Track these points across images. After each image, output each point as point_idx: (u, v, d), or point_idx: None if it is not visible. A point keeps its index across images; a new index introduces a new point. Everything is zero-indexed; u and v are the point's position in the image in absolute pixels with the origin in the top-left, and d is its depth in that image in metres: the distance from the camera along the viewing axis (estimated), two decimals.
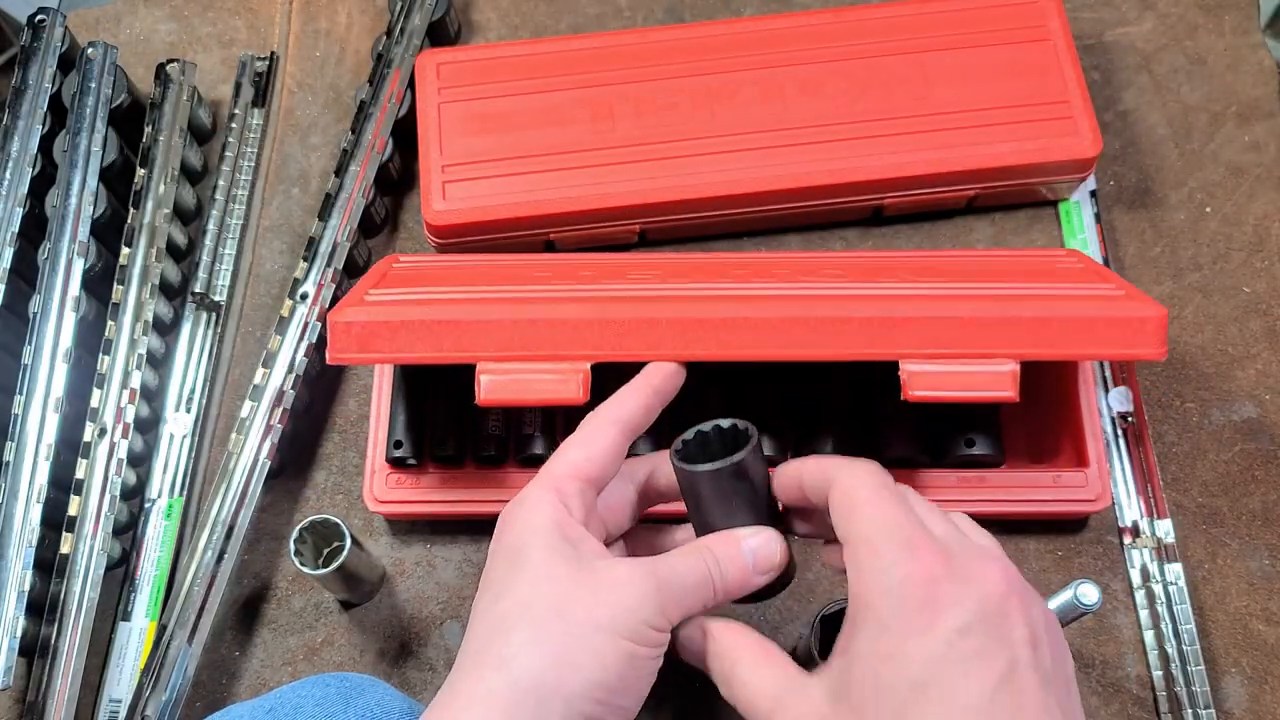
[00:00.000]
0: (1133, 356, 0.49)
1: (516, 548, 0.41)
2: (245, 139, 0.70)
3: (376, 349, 0.51)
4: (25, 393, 0.58)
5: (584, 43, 0.66)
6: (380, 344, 0.50)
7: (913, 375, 0.49)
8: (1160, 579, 0.57)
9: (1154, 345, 0.49)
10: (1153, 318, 0.49)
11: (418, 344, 0.50)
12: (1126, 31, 0.71)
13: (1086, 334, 0.49)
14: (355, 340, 0.50)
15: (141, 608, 0.59)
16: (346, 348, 0.50)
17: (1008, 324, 0.49)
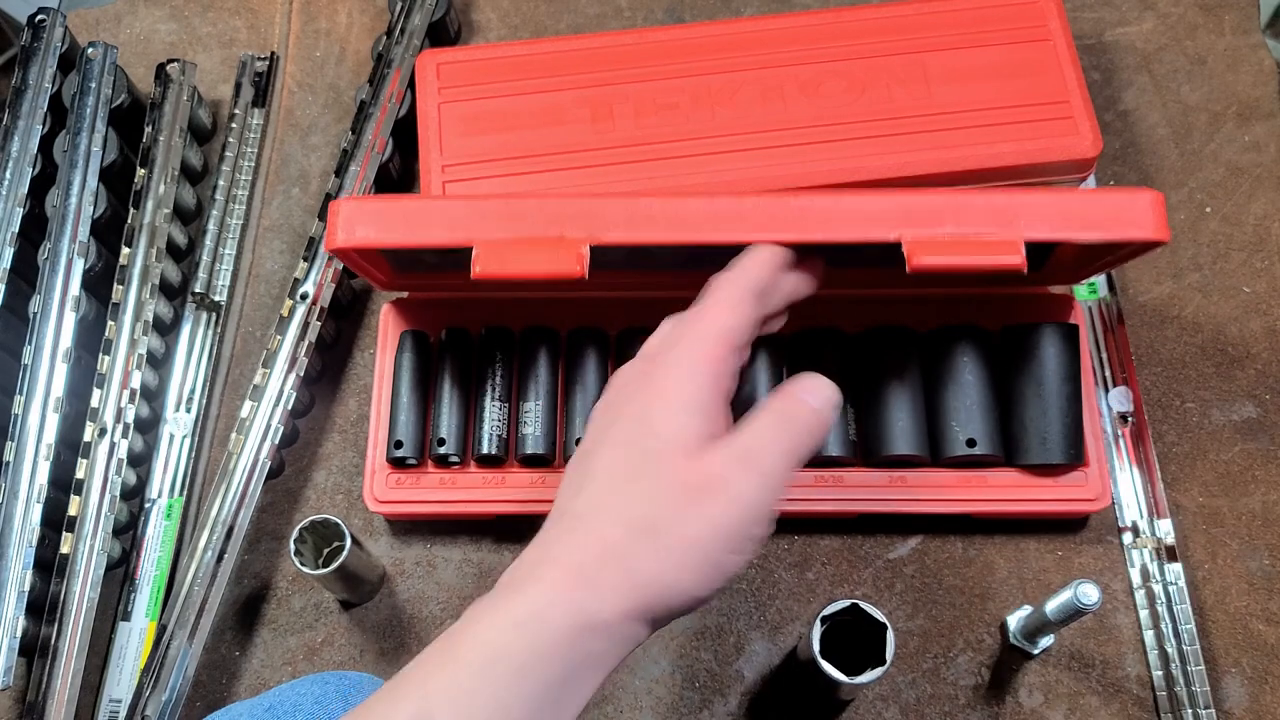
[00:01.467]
0: (1134, 238, 0.48)
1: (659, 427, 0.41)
2: (245, 139, 0.70)
3: (374, 231, 0.49)
4: (25, 393, 0.58)
5: (584, 43, 0.66)
6: (379, 228, 0.49)
7: (916, 244, 0.47)
8: (1160, 579, 0.57)
9: (1154, 226, 0.47)
10: (1149, 197, 0.48)
11: (415, 227, 0.49)
12: (1126, 31, 0.71)
13: (1087, 215, 0.48)
14: (356, 222, 0.49)
15: (141, 608, 0.59)
16: (348, 230, 0.49)
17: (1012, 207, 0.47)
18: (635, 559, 0.39)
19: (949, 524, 0.59)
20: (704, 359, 0.43)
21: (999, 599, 0.58)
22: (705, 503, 0.40)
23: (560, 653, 0.38)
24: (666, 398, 0.42)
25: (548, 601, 0.38)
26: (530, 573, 0.39)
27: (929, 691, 0.56)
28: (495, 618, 0.38)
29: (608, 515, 0.40)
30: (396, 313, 0.62)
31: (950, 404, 0.57)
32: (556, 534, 0.41)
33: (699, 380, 0.42)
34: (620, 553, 0.39)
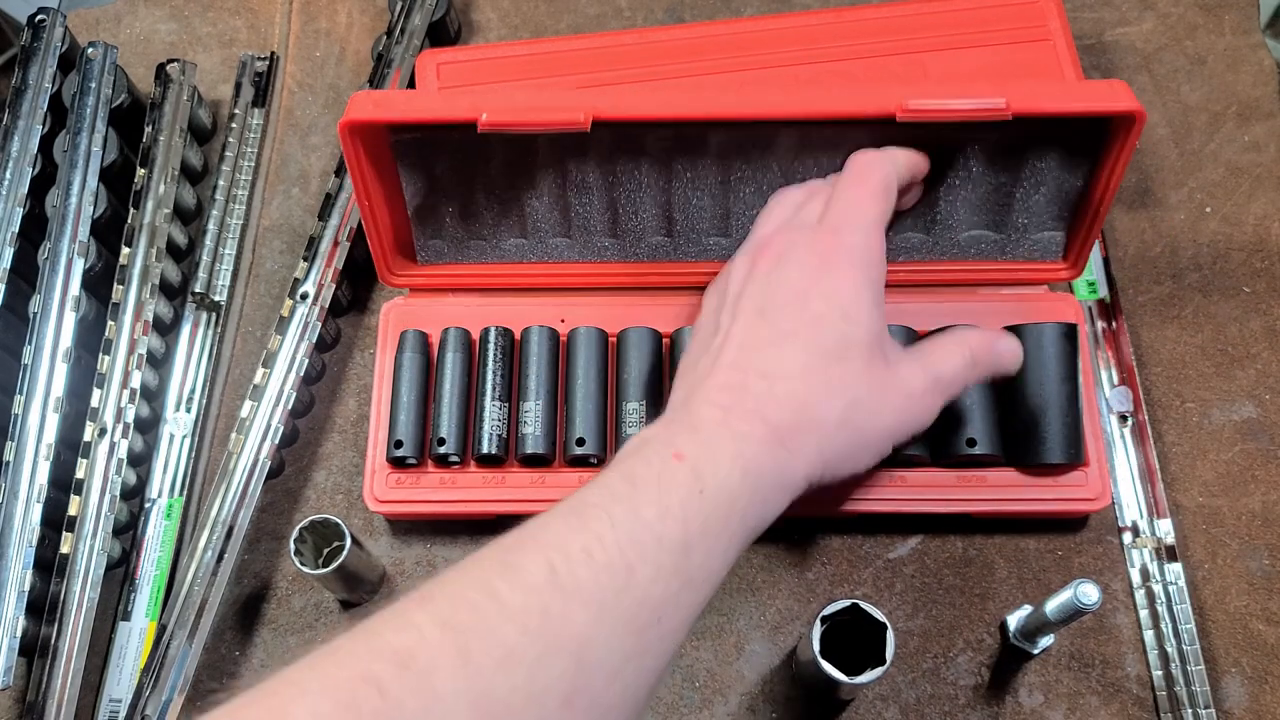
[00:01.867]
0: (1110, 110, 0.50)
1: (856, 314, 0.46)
2: (245, 139, 0.70)
3: (386, 110, 0.52)
4: (25, 393, 0.58)
5: (584, 43, 0.66)
6: (393, 108, 0.52)
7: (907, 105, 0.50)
8: (1160, 579, 0.57)
9: (1126, 101, 0.50)
10: (1117, 82, 0.51)
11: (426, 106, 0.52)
12: (1126, 31, 0.71)
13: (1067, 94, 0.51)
14: (373, 103, 0.52)
15: (141, 608, 0.59)
16: (363, 111, 0.51)
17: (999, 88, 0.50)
18: (832, 437, 0.44)
19: (949, 524, 0.59)
20: (876, 248, 0.48)
21: (999, 599, 0.58)
22: (897, 406, 0.46)
23: (765, 504, 0.43)
24: (857, 285, 0.46)
25: (754, 454, 0.42)
26: (728, 416, 0.43)
27: (929, 691, 0.56)
28: (717, 451, 0.42)
29: (809, 386, 0.44)
30: (396, 313, 0.62)
31: (950, 404, 0.56)
32: (745, 379, 0.44)
33: (876, 271, 0.47)
34: (820, 426, 0.44)
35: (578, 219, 0.59)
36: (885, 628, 0.48)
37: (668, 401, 0.48)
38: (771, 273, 0.47)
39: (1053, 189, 0.56)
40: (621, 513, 0.39)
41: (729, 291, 0.49)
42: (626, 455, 0.43)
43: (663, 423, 0.45)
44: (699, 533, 0.40)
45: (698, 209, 0.58)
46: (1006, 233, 0.59)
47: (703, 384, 0.45)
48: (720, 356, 0.46)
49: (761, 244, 0.49)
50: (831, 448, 0.45)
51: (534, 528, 0.39)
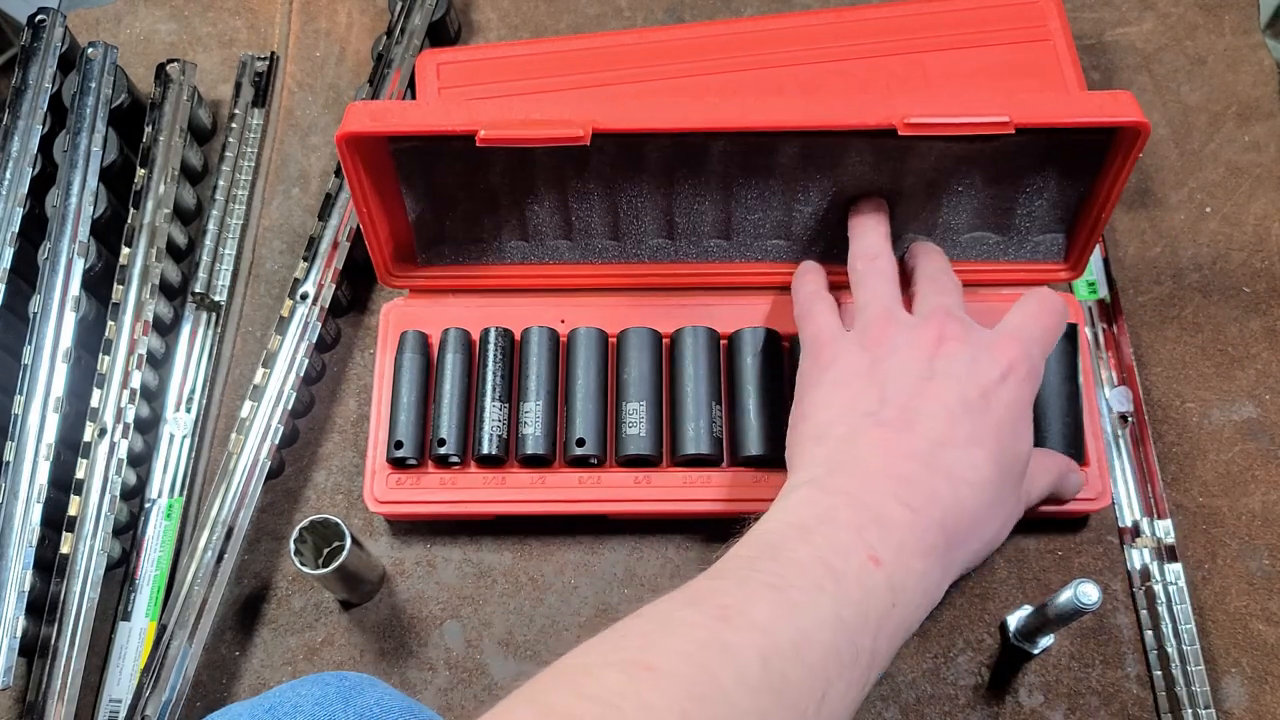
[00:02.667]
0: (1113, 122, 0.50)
1: (1021, 448, 0.45)
2: (245, 139, 0.70)
3: (382, 122, 0.51)
4: (25, 393, 0.58)
5: (584, 43, 0.66)
6: (390, 119, 0.51)
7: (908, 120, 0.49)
8: (1160, 579, 0.57)
9: (1131, 112, 0.50)
10: (1123, 93, 0.51)
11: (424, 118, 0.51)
12: (1126, 31, 0.71)
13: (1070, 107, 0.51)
14: (370, 115, 0.51)
15: (141, 608, 0.59)
16: (360, 123, 0.51)
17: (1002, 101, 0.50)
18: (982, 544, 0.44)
19: None
20: (1041, 371, 0.49)
21: (999, 599, 0.58)
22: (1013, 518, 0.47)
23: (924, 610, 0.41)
24: (1027, 402, 0.46)
25: (934, 571, 0.41)
26: (915, 519, 0.41)
27: (929, 691, 0.56)
28: (908, 563, 0.40)
29: (986, 501, 0.43)
30: (396, 313, 0.62)
31: None
32: (933, 480, 0.42)
33: (1038, 386, 0.48)
34: (980, 540, 0.44)
35: (579, 223, 0.59)
36: None
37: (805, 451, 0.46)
38: (952, 363, 0.45)
39: (1055, 194, 0.56)
40: (826, 612, 0.37)
41: (896, 361, 0.46)
42: (816, 526, 0.40)
43: (841, 494, 0.42)
44: (884, 648, 0.39)
45: (699, 213, 0.58)
46: (1008, 235, 0.59)
47: (876, 461, 0.43)
48: (900, 438, 0.43)
49: (936, 322, 0.47)
50: (980, 552, 0.44)
51: (739, 597, 0.37)
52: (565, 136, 0.49)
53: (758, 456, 0.57)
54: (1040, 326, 0.48)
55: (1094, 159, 0.54)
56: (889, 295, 0.49)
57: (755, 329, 0.59)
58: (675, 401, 0.58)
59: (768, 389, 0.58)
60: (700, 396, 0.58)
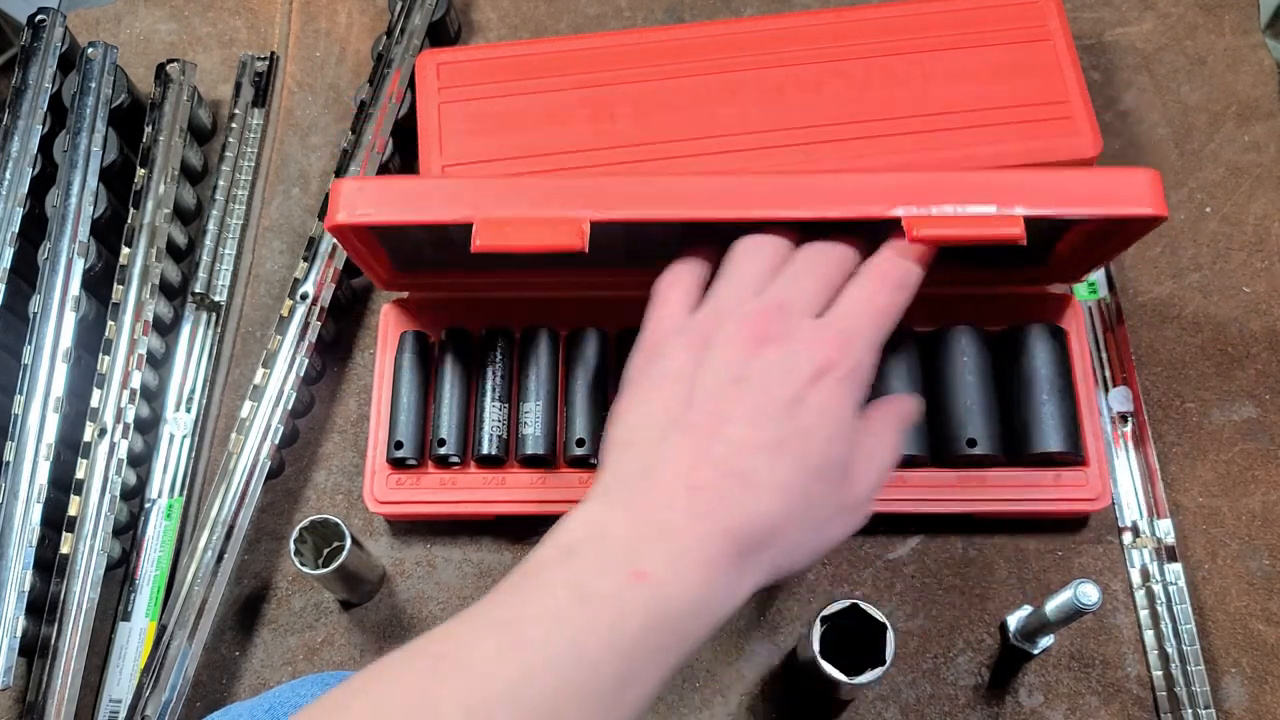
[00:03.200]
0: (1133, 214, 0.48)
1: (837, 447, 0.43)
2: (245, 139, 0.70)
3: (375, 209, 0.49)
4: (25, 393, 0.58)
5: (584, 43, 0.66)
6: (379, 205, 0.49)
7: (915, 218, 0.47)
8: (1160, 579, 0.57)
9: (1152, 201, 0.47)
10: (1146, 175, 0.48)
11: (415, 205, 0.49)
12: (1126, 31, 0.71)
13: (1086, 192, 0.48)
14: (357, 200, 0.49)
15: (141, 608, 0.59)
16: (349, 208, 0.49)
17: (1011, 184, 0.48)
18: (789, 554, 0.42)
19: (949, 524, 0.59)
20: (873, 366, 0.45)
21: (999, 599, 0.58)
22: (847, 518, 0.44)
23: (715, 625, 0.39)
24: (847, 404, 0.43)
25: (719, 578, 0.39)
26: (697, 527, 0.39)
27: (929, 691, 0.56)
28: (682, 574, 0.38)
29: (786, 504, 0.41)
30: (396, 313, 0.62)
31: (950, 404, 0.57)
32: (725, 484, 0.40)
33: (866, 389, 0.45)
34: (783, 545, 0.41)
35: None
36: (885, 628, 0.48)
37: (609, 457, 0.43)
38: (767, 359, 0.43)
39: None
40: (561, 642, 0.35)
41: (710, 360, 0.43)
42: (582, 544, 0.39)
43: (624, 507, 0.40)
44: (642, 666, 0.37)
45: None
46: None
47: (674, 469, 0.40)
48: (698, 444, 0.41)
49: (759, 319, 0.44)
50: (784, 563, 0.42)
51: (461, 639, 0.36)
52: (563, 247, 0.47)
53: None
54: (870, 313, 0.45)
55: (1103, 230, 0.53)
56: (744, 282, 0.46)
57: None
58: None
59: None
60: None
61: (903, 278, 0.45)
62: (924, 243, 0.46)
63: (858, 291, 0.45)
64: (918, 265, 0.46)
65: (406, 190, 0.49)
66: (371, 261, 0.56)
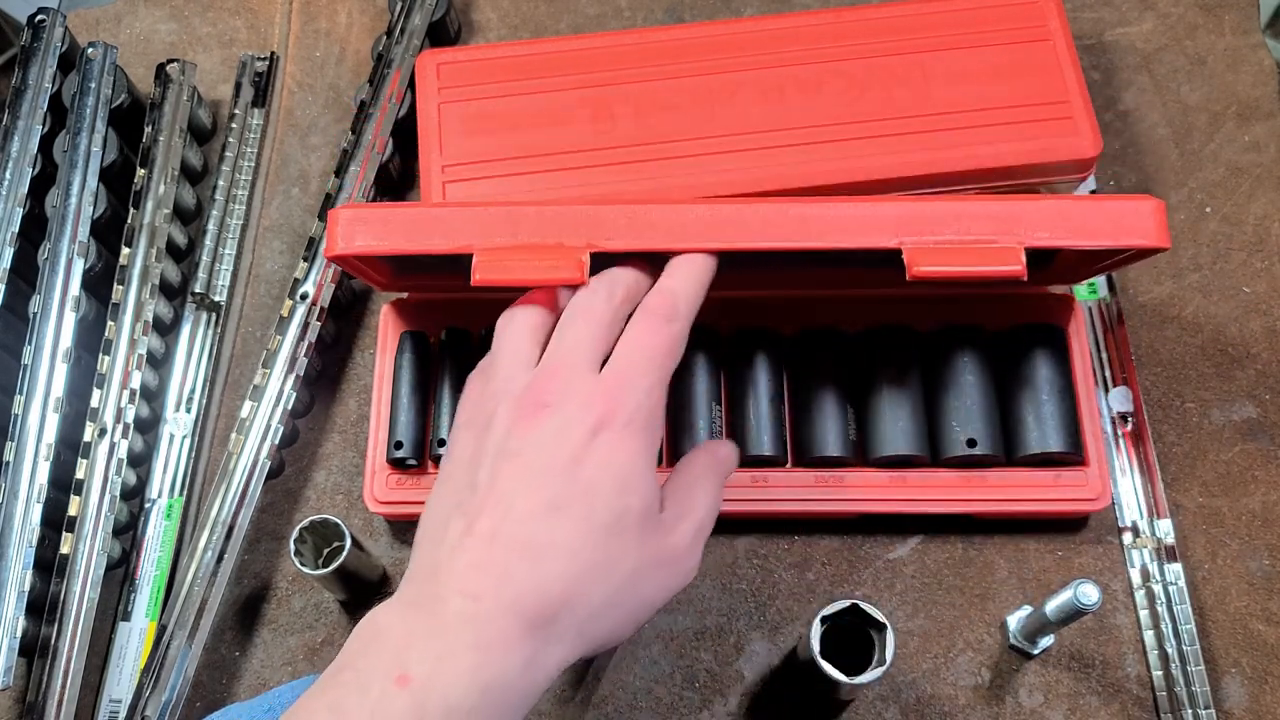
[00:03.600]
0: (1136, 245, 0.48)
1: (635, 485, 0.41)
2: (245, 139, 0.70)
3: (373, 240, 0.49)
4: (25, 393, 0.58)
5: (584, 43, 0.66)
6: (378, 236, 0.49)
7: (915, 252, 0.47)
8: (1160, 579, 0.57)
9: (1155, 234, 0.47)
10: (1150, 205, 0.48)
11: (414, 235, 0.49)
12: (1126, 31, 0.71)
13: (1088, 222, 0.48)
14: (355, 230, 0.49)
15: (141, 608, 0.59)
16: (347, 239, 0.49)
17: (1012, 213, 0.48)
18: (597, 619, 0.40)
19: (949, 524, 0.59)
20: (658, 408, 0.43)
21: (999, 599, 0.58)
22: (665, 574, 0.42)
23: (513, 711, 0.37)
24: (635, 451, 0.41)
25: (503, 662, 0.37)
26: (478, 609, 0.37)
27: (929, 691, 0.56)
28: (450, 667, 0.36)
29: (578, 567, 0.39)
30: (396, 313, 0.62)
31: (950, 404, 0.57)
32: (505, 559, 0.39)
33: (656, 434, 0.42)
34: (586, 610, 0.39)
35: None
36: (885, 628, 0.48)
37: (411, 563, 0.41)
38: (541, 429, 0.41)
39: None
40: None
41: (488, 442, 0.42)
42: (354, 658, 0.37)
43: (403, 606, 0.39)
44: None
45: None
46: None
47: (454, 558, 0.39)
48: (476, 524, 0.39)
49: (528, 393, 0.42)
50: (595, 629, 0.40)
51: None
52: (563, 281, 0.47)
53: (757, 456, 0.57)
54: (643, 354, 0.43)
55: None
56: (512, 361, 0.44)
57: (755, 330, 0.59)
58: (677, 403, 0.58)
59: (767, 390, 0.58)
60: (701, 396, 0.58)
61: (671, 309, 0.44)
62: (923, 279, 0.47)
63: (631, 334, 0.44)
64: (687, 289, 0.45)
65: (405, 220, 0.49)
66: (371, 273, 0.56)
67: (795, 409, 0.59)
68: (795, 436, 0.58)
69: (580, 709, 0.57)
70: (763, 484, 0.57)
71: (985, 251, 0.47)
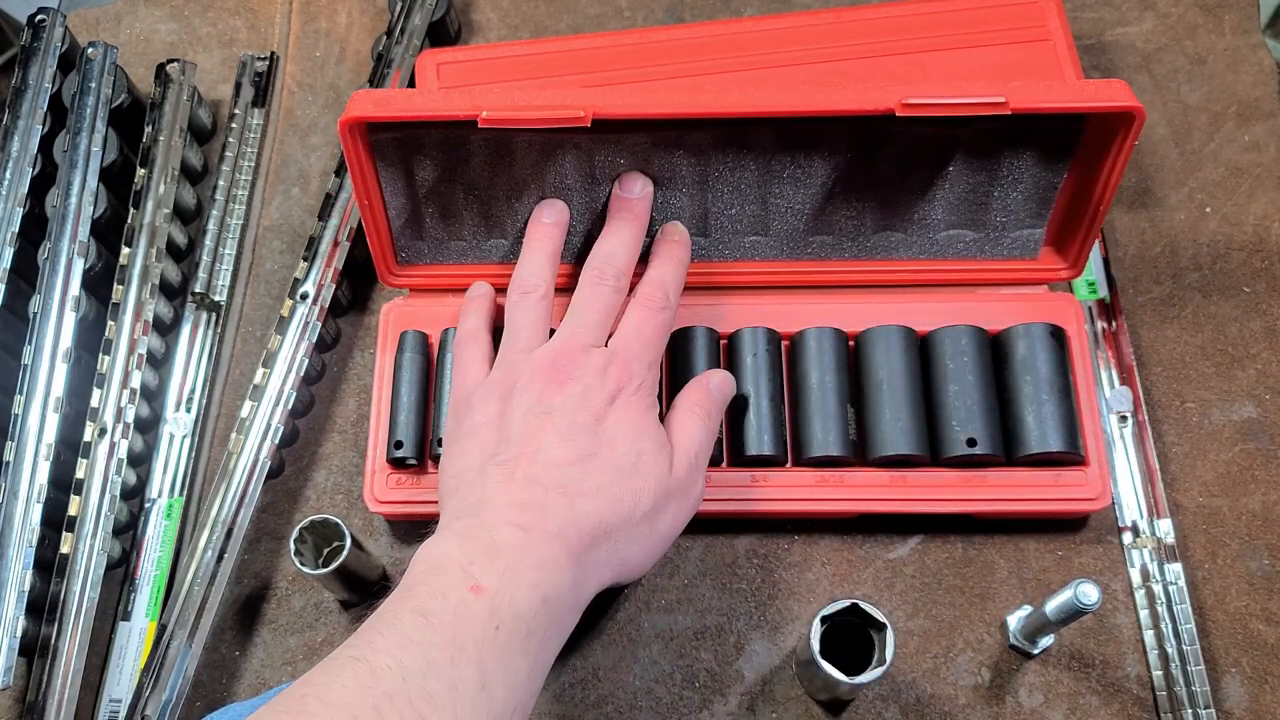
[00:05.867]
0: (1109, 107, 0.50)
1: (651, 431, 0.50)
2: (245, 139, 0.70)
3: (387, 106, 0.52)
4: (25, 393, 0.58)
5: (584, 43, 0.66)
6: (393, 105, 0.52)
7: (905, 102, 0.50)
8: (1160, 579, 0.57)
9: (1125, 95, 0.50)
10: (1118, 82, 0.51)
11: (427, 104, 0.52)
12: (1126, 31, 0.71)
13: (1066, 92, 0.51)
14: (373, 102, 0.52)
15: (141, 608, 0.59)
16: (364, 108, 0.51)
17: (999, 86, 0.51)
18: (626, 547, 0.48)
19: (949, 524, 0.59)
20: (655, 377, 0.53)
21: (999, 599, 0.58)
22: (676, 504, 0.50)
23: (563, 623, 0.45)
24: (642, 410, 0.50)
25: (556, 580, 0.44)
26: (529, 538, 0.44)
27: (929, 691, 0.56)
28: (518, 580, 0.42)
29: (607, 503, 0.47)
30: (396, 313, 0.62)
31: (950, 404, 0.57)
32: (545, 497, 0.46)
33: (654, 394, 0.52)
34: (615, 540, 0.47)
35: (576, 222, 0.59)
36: (885, 628, 0.48)
37: (442, 505, 0.49)
38: (567, 393, 0.49)
39: (1033, 187, 0.56)
40: (413, 661, 0.39)
41: (517, 404, 0.50)
42: (422, 578, 0.43)
43: (457, 536, 0.45)
44: (497, 668, 0.40)
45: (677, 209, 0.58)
46: (984, 231, 0.59)
47: (498, 496, 0.46)
48: (516, 469, 0.47)
49: (553, 364, 0.50)
50: (624, 555, 0.48)
51: (321, 681, 0.38)
52: (568, 119, 0.51)
53: (757, 456, 0.57)
54: (642, 338, 0.53)
55: (1085, 147, 0.54)
56: (528, 333, 0.53)
57: (755, 329, 0.59)
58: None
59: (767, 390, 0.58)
60: None
61: (663, 299, 0.54)
62: (911, 113, 0.50)
63: (629, 321, 0.54)
64: (673, 277, 0.56)
65: (416, 96, 0.53)
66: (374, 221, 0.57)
67: (795, 409, 0.59)
68: (795, 436, 0.58)
69: (580, 709, 0.57)
70: (763, 484, 0.57)
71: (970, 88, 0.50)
